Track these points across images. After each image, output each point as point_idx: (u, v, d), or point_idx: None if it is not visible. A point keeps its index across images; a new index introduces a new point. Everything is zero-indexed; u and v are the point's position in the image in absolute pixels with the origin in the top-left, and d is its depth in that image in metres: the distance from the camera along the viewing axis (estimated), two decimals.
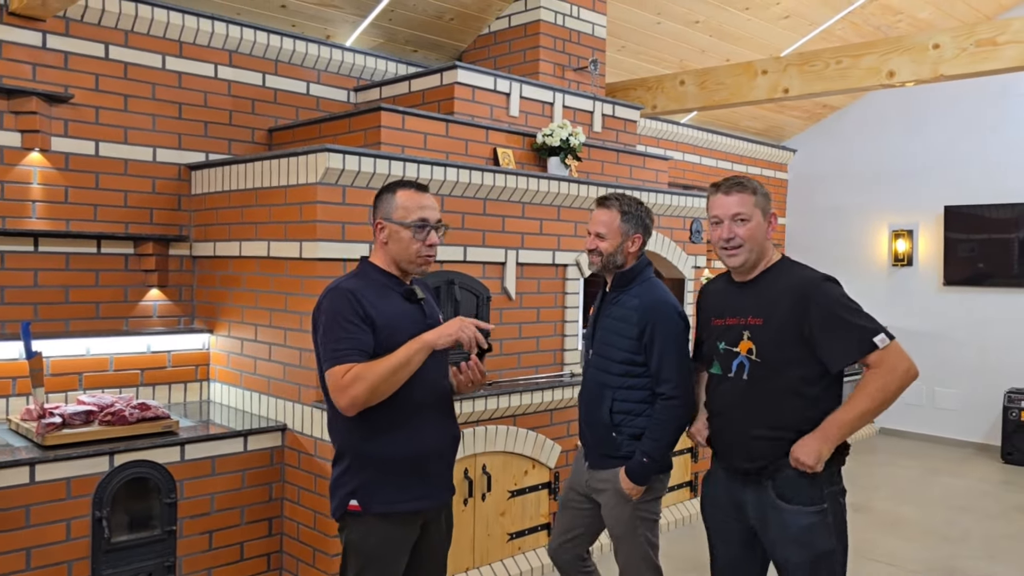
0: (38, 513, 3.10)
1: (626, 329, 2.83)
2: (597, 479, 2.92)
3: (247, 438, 3.67)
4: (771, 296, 2.39)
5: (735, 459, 2.50)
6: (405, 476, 2.38)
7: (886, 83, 4.89)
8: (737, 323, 2.42)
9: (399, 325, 2.37)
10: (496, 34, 5.36)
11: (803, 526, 2.34)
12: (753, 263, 2.48)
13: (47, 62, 3.88)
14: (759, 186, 2.50)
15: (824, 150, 8.57)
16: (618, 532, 2.89)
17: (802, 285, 2.35)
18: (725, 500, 2.56)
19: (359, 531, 2.38)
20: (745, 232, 2.43)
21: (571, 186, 4.51)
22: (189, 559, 3.50)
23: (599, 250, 2.87)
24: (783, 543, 2.38)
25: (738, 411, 2.47)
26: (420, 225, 2.42)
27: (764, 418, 2.39)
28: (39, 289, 3.86)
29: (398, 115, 4.09)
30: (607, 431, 2.85)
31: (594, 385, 2.92)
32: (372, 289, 2.41)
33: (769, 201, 2.50)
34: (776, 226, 2.55)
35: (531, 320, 4.44)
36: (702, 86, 5.67)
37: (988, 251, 7.41)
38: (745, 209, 2.44)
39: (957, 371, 7.59)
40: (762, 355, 2.37)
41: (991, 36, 4.45)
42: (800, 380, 2.36)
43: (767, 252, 2.50)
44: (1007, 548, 4.84)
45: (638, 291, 2.85)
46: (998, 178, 7.31)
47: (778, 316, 2.34)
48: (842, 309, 2.31)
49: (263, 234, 3.86)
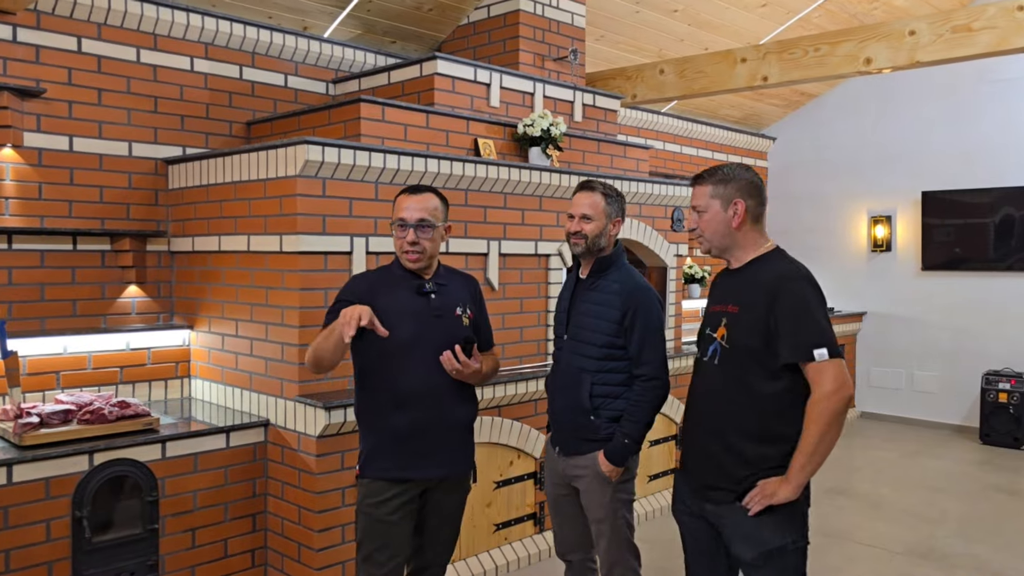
0: (17, 514, 3.06)
1: (608, 313, 2.86)
2: (573, 466, 2.93)
3: (229, 434, 3.64)
4: (750, 286, 2.38)
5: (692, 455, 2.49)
6: (393, 449, 2.67)
7: (863, 70, 4.92)
8: (720, 310, 2.42)
9: (395, 319, 2.62)
10: (475, 24, 5.33)
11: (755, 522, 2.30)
12: (721, 252, 2.47)
13: (18, 56, 3.81)
14: (728, 175, 2.42)
15: (802, 137, 8.62)
16: (599, 515, 2.91)
17: (776, 279, 2.32)
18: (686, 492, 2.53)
19: (361, 492, 2.73)
20: (702, 223, 2.45)
21: (553, 176, 4.50)
22: (172, 557, 3.47)
23: (583, 232, 2.89)
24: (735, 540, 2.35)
25: (707, 395, 2.44)
26: (400, 224, 2.71)
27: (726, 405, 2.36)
28: (13, 287, 3.80)
29: (378, 106, 4.05)
30: (585, 415, 2.87)
31: (570, 369, 2.93)
32: (385, 282, 2.75)
33: (738, 190, 2.39)
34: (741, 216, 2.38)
35: (514, 311, 4.44)
36: (682, 75, 5.67)
37: (964, 236, 7.49)
38: (700, 201, 2.45)
39: (935, 354, 7.69)
40: (731, 341, 2.36)
41: (966, 22, 4.48)
42: (758, 373, 2.30)
43: (740, 242, 2.43)
44: (985, 527, 4.91)
45: (617, 276, 2.90)
46: (974, 163, 7.39)
47: (750, 305, 2.33)
48: (801, 310, 2.25)
49: (243, 228, 3.82)
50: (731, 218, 2.40)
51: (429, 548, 2.83)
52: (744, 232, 2.42)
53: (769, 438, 2.30)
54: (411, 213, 2.69)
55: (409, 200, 2.72)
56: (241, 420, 3.73)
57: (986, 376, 7.09)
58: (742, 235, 2.42)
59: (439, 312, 2.73)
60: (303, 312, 3.54)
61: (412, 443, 2.67)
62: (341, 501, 3.56)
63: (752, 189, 2.41)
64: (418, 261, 2.71)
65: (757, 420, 2.30)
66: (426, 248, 2.70)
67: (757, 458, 2.30)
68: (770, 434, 2.30)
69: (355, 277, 2.88)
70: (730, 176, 2.42)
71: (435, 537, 2.83)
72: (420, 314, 2.70)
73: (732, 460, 2.33)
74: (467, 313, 2.81)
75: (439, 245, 2.77)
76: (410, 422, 2.66)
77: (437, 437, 2.71)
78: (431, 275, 2.78)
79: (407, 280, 2.75)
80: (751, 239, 2.43)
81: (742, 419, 2.32)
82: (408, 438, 2.67)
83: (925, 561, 4.38)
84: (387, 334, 2.49)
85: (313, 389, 3.59)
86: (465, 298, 2.84)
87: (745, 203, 2.39)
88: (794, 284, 2.30)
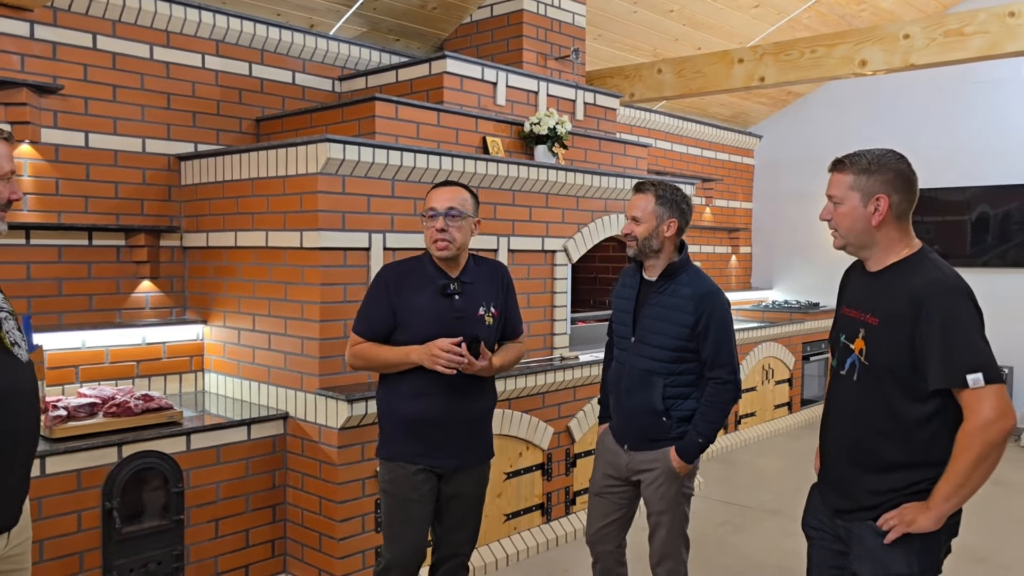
0: (49, 505, 3.11)
1: (680, 317, 2.89)
2: (641, 460, 3.00)
3: (250, 427, 3.71)
4: (892, 295, 2.11)
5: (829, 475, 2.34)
6: (408, 435, 2.79)
7: (858, 72, 5.07)
8: (857, 317, 2.19)
9: (418, 319, 2.75)
10: (478, 23, 5.41)
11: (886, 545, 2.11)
12: (858, 250, 2.24)
13: (35, 52, 3.83)
14: (873, 164, 2.14)
15: (789, 136, 8.78)
16: (661, 508, 2.98)
17: (923, 288, 2.04)
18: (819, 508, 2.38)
19: (381, 472, 2.87)
20: (837, 216, 2.20)
21: (558, 173, 4.60)
22: (196, 547, 3.53)
23: (634, 234, 2.93)
24: (862, 559, 2.18)
25: (846, 414, 2.24)
26: (430, 215, 2.78)
27: (865, 428, 2.16)
28: (32, 282, 3.83)
29: (392, 105, 4.13)
30: (657, 417, 2.93)
31: (638, 372, 2.96)
32: (414, 277, 2.81)
33: (884, 183, 2.12)
34: (883, 213, 2.13)
35: (522, 306, 4.50)
36: (679, 74, 5.79)
37: (943, 233, 7.70)
38: (838, 191, 2.19)
39: None
40: (871, 358, 2.13)
41: (959, 27, 4.64)
42: (902, 395, 2.08)
43: (880, 242, 2.17)
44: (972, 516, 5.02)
45: (688, 280, 2.93)
46: (954, 162, 7.59)
47: (892, 319, 2.07)
48: (951, 326, 1.98)
49: (260, 224, 3.88)
50: (871, 215, 2.12)
51: (455, 533, 2.91)
52: (885, 231, 2.14)
53: (914, 464, 2.10)
54: (441, 202, 2.75)
55: (440, 192, 2.81)
56: (258, 413, 3.79)
57: None
58: (883, 234, 2.15)
59: (460, 314, 2.78)
60: (324, 307, 3.61)
61: (428, 434, 2.77)
62: (362, 491, 3.64)
63: (900, 182, 2.12)
64: (447, 249, 2.74)
65: (901, 446, 2.10)
66: (456, 238, 2.74)
67: (900, 483, 2.11)
68: (914, 460, 2.09)
69: (387, 268, 2.91)
70: (875, 166, 2.13)
71: (458, 523, 2.91)
72: (442, 316, 2.75)
73: (871, 485, 2.15)
74: (491, 311, 2.85)
75: (469, 237, 2.81)
76: (427, 415, 2.76)
77: (453, 429, 2.80)
78: (459, 271, 2.83)
79: (435, 279, 2.79)
80: (893, 239, 2.15)
81: (885, 444, 2.12)
82: (425, 430, 2.77)
83: None
84: (478, 365, 2.70)
85: (333, 382, 3.66)
86: (491, 295, 2.88)
87: (889, 199, 2.10)
88: (944, 297, 2.02)
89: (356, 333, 2.83)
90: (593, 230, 4.93)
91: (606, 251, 5.86)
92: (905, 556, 2.09)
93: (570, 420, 4.68)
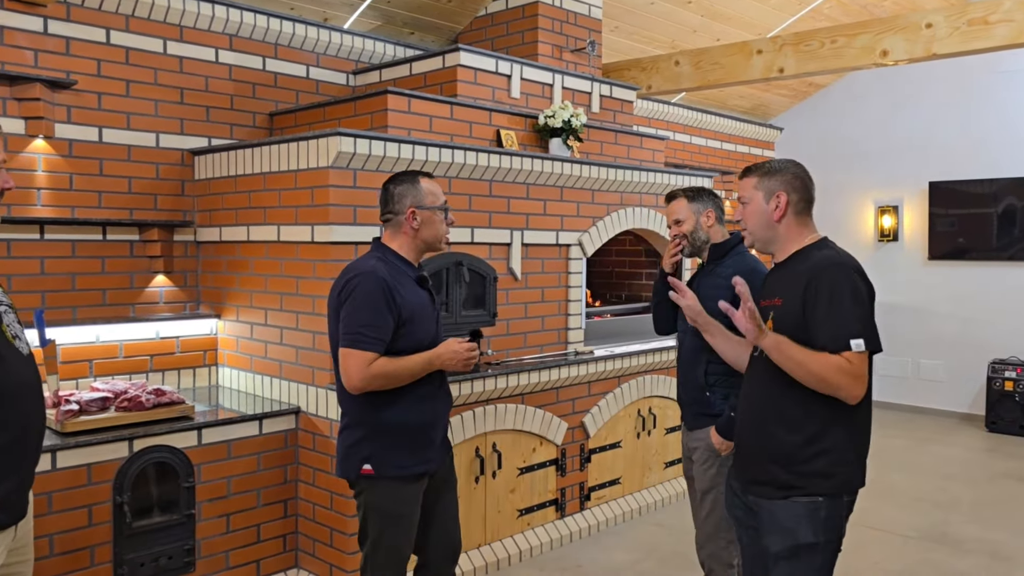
0: (60, 499, 3.12)
1: (724, 295, 2.90)
2: (692, 438, 3.16)
3: (262, 421, 3.71)
4: (791, 276, 2.35)
5: (741, 450, 2.48)
6: (415, 442, 2.63)
7: (879, 62, 4.97)
8: (767, 304, 2.40)
9: (419, 317, 2.64)
10: (493, 16, 5.36)
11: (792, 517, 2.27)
12: (765, 244, 2.46)
13: (49, 48, 3.84)
14: (774, 168, 2.42)
15: (810, 128, 8.66)
16: (704, 487, 3.09)
17: (815, 265, 2.28)
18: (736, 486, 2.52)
19: (376, 493, 2.61)
20: (744, 214, 2.47)
21: (573, 167, 4.56)
22: (207, 542, 3.54)
23: (682, 233, 3.18)
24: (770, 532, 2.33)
25: (753, 391, 2.44)
26: (446, 208, 2.75)
27: (767, 399, 2.35)
28: (46, 277, 3.85)
29: (404, 98, 4.10)
30: (701, 391, 3.07)
31: (691, 349, 3.10)
32: (394, 276, 2.63)
33: (783, 183, 2.38)
34: (783, 208, 2.36)
35: (536, 300, 4.50)
36: (697, 66, 5.72)
37: (968, 226, 7.57)
38: (745, 193, 2.46)
39: (942, 343, 7.76)
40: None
41: (983, 15, 4.54)
42: None
43: (783, 235, 2.41)
44: (996, 512, 5.00)
45: (732, 262, 3.08)
46: (979, 153, 7.46)
47: (791, 296, 2.30)
48: (838, 297, 2.20)
49: (272, 218, 3.87)
50: (772, 210, 2.39)
51: (453, 531, 2.83)
52: (786, 225, 2.40)
53: (812, 430, 2.26)
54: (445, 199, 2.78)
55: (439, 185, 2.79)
56: (270, 408, 3.79)
57: (992, 364, 7.18)
58: (784, 228, 2.41)
59: (437, 305, 2.81)
60: None
61: (434, 434, 2.71)
62: None
63: (797, 183, 2.40)
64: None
65: (800, 413, 2.26)
66: None
67: (799, 451, 2.26)
68: (813, 428, 2.25)
69: (373, 274, 2.57)
70: (776, 169, 2.42)
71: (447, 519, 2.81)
72: (431, 313, 2.74)
73: (773, 453, 2.31)
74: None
75: None
76: (436, 415, 2.71)
77: (443, 421, 2.78)
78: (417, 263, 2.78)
79: (410, 272, 2.70)
80: (794, 232, 2.41)
81: (781, 410, 2.30)
82: (432, 430, 2.70)
83: (939, 546, 4.47)
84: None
85: None
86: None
87: (788, 196, 2.38)
88: (833, 270, 2.25)
89: (370, 351, 2.50)
90: (609, 223, 4.88)
91: (623, 245, 5.81)
92: (812, 526, 2.25)
93: (584, 415, 4.64)
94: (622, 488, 4.90)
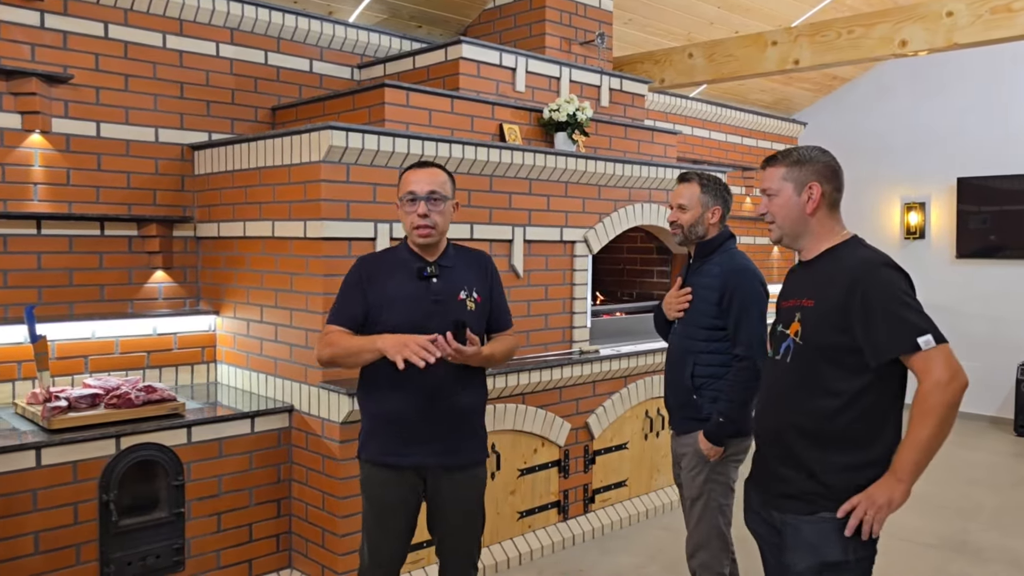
0: (45, 497, 3.09)
1: (709, 295, 2.94)
2: (680, 443, 3.05)
3: (254, 419, 3.66)
4: (826, 277, 2.18)
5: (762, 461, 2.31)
6: (386, 432, 2.64)
7: (898, 52, 4.79)
8: (793, 304, 2.23)
9: (391, 303, 2.61)
10: (501, 8, 5.27)
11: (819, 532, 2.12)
12: (793, 240, 2.28)
13: (46, 42, 3.82)
14: (804, 157, 2.25)
15: (834, 122, 8.45)
16: (692, 494, 2.99)
17: (858, 267, 2.12)
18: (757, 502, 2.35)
19: (362, 473, 2.73)
20: (772, 207, 2.27)
21: (578, 162, 4.45)
22: (197, 541, 3.49)
23: (679, 222, 3.02)
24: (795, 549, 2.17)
25: (779, 397, 2.25)
26: (410, 198, 2.62)
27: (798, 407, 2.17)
28: (42, 272, 3.83)
29: (402, 91, 4.02)
30: (688, 394, 2.97)
31: (678, 351, 3.03)
32: (388, 264, 2.68)
33: (815, 173, 2.22)
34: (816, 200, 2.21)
35: (539, 298, 4.40)
36: (711, 59, 5.58)
37: (1000, 223, 7.32)
38: (772, 184, 2.26)
39: (970, 345, 7.48)
40: (805, 337, 2.17)
41: (1007, 2, 4.35)
42: (836, 370, 2.11)
43: (814, 230, 2.24)
44: (1018, 519, 4.81)
45: (719, 260, 2.99)
46: (1010, 148, 7.20)
47: (828, 297, 2.13)
48: (891, 299, 2.04)
49: (267, 214, 3.81)
50: (805, 203, 2.21)
51: (448, 538, 2.74)
52: (819, 219, 2.23)
53: (845, 441, 2.10)
54: (421, 186, 2.59)
55: (417, 173, 2.63)
56: (266, 406, 3.74)
57: (1021, 367, 6.94)
58: (816, 222, 2.23)
59: (439, 297, 2.61)
60: (327, 298, 3.51)
61: (407, 429, 2.60)
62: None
63: (829, 172, 2.22)
64: (429, 236, 2.60)
65: (830, 425, 2.11)
66: (438, 223, 2.60)
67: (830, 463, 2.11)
68: (846, 437, 2.10)
69: (361, 259, 2.75)
70: (805, 158, 2.24)
71: (450, 526, 2.71)
72: (419, 299, 2.60)
73: (805, 466, 2.14)
74: (473, 296, 2.67)
75: (449, 221, 2.68)
76: (406, 408, 2.58)
77: (435, 424, 2.61)
78: (437, 255, 2.67)
79: (409, 263, 2.65)
80: (826, 227, 2.24)
81: (816, 421, 2.12)
82: (403, 424, 2.60)
83: (958, 555, 4.30)
84: (402, 367, 2.37)
85: (336, 375, 3.58)
86: (472, 280, 2.71)
87: (821, 187, 2.20)
88: (880, 272, 2.09)
89: (330, 323, 2.65)
90: (616, 220, 4.76)
91: (634, 242, 5.69)
92: (841, 543, 2.08)
93: (589, 416, 4.53)
94: (628, 491, 4.79)
